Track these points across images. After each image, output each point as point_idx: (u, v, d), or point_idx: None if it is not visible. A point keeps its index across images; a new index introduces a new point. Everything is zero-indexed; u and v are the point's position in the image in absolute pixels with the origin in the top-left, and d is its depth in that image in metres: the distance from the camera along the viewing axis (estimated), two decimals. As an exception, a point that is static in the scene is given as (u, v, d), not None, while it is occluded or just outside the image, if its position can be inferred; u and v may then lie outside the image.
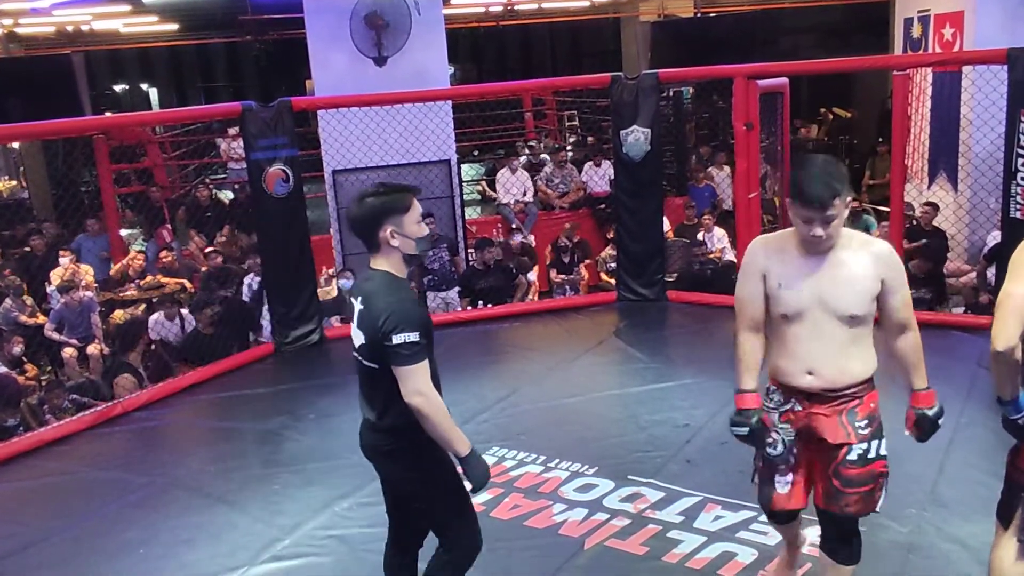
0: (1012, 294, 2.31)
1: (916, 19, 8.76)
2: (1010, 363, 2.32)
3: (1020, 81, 5.45)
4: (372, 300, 2.56)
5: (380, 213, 2.56)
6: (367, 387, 2.68)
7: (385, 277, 2.60)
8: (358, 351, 2.65)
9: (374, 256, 2.63)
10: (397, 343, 2.47)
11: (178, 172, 11.84)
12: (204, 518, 4.07)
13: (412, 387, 2.50)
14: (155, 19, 13.64)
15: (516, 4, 15.21)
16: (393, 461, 2.69)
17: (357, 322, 2.63)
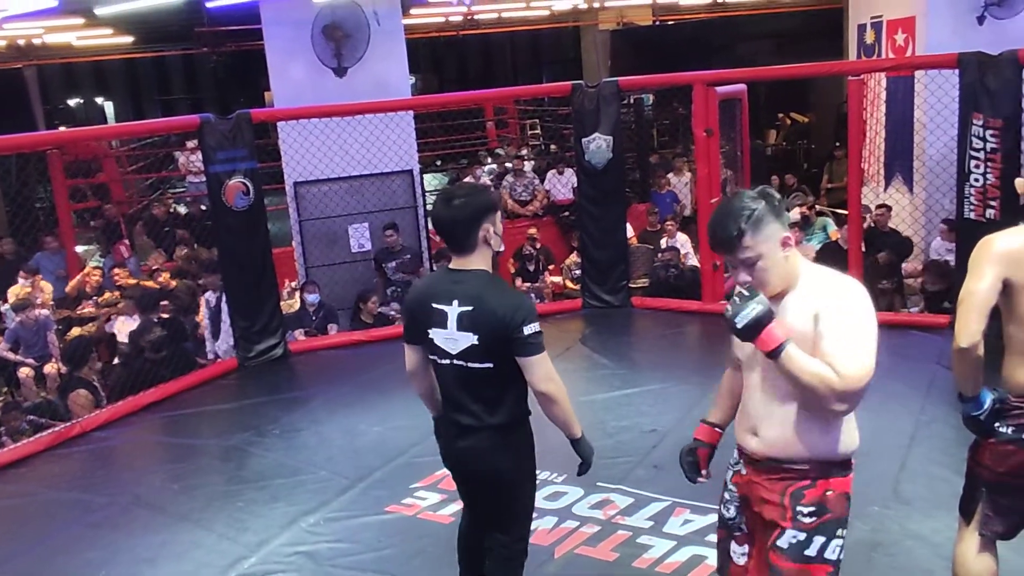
0: (973, 291, 2.35)
1: (869, 25, 8.92)
2: (973, 360, 2.35)
3: (971, 84, 5.58)
4: (484, 299, 2.56)
5: (481, 212, 2.58)
6: (472, 390, 2.64)
7: (484, 275, 2.63)
8: (460, 356, 2.61)
9: (463, 256, 2.62)
10: (529, 334, 2.54)
11: (135, 186, 11.66)
12: (167, 537, 4.00)
13: (544, 374, 2.58)
14: (109, 32, 13.42)
15: (476, 14, 15.24)
16: (497, 456, 2.69)
17: (458, 325, 2.58)
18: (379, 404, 5.43)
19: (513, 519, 2.80)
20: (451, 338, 2.60)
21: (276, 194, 8.90)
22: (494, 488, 2.75)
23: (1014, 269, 2.35)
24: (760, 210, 2.08)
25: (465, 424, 2.69)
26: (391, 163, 7.88)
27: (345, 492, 4.28)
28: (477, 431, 2.67)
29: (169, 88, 21.94)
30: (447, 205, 2.59)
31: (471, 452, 2.71)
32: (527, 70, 21.38)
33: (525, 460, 2.76)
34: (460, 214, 2.57)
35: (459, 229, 2.59)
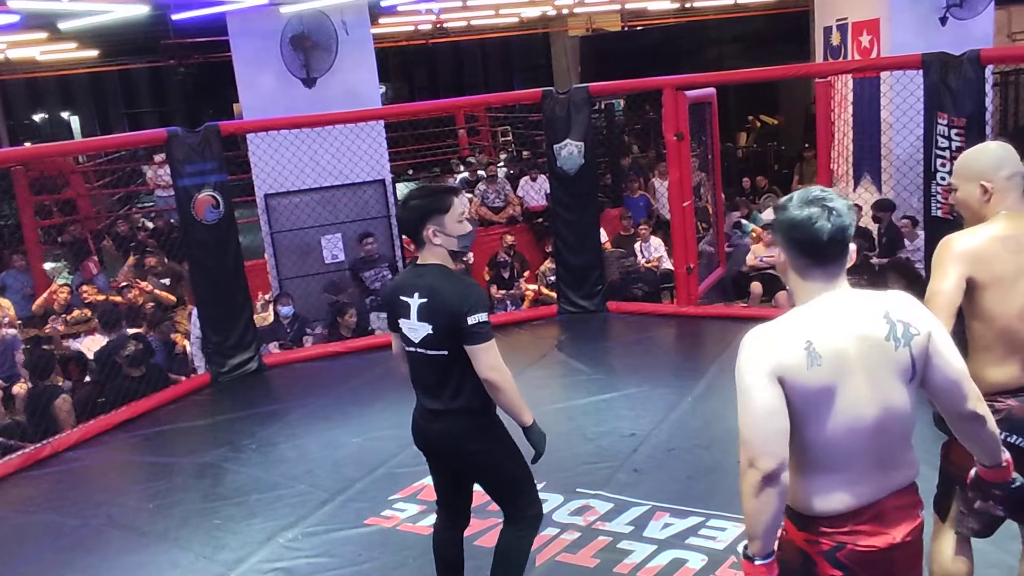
0: (938, 291, 2.37)
1: (835, 27, 9.03)
2: None
3: (934, 84, 5.65)
4: (438, 290, 2.75)
5: (423, 214, 2.77)
6: (435, 376, 2.82)
7: (441, 270, 2.80)
8: (421, 344, 2.79)
9: (422, 252, 2.83)
10: (473, 323, 2.69)
11: (103, 202, 11.51)
12: (144, 557, 3.93)
13: (488, 363, 2.71)
14: (74, 45, 13.26)
15: (445, 22, 15.25)
16: (469, 440, 2.84)
17: (417, 316, 2.78)
18: (357, 416, 5.39)
19: (510, 493, 2.93)
20: (413, 328, 2.80)
21: (247, 206, 8.84)
22: (473, 467, 2.92)
23: (976, 267, 2.37)
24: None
25: (431, 408, 2.86)
26: (363, 173, 7.84)
27: (324, 506, 4.24)
28: (444, 415, 2.83)
29: (136, 101, 21.74)
30: (403, 205, 2.87)
31: (442, 435, 2.86)
32: (498, 77, 21.43)
33: (498, 440, 2.88)
34: (407, 215, 2.83)
35: (408, 228, 2.85)
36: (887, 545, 1.90)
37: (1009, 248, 2.38)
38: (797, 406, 1.86)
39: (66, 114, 21.49)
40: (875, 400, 1.87)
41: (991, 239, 2.40)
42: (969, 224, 2.51)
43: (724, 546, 3.53)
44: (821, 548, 1.92)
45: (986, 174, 2.46)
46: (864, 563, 1.90)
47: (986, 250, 2.38)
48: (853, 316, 1.88)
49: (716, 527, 3.67)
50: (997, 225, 2.42)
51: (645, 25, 17.27)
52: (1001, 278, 2.37)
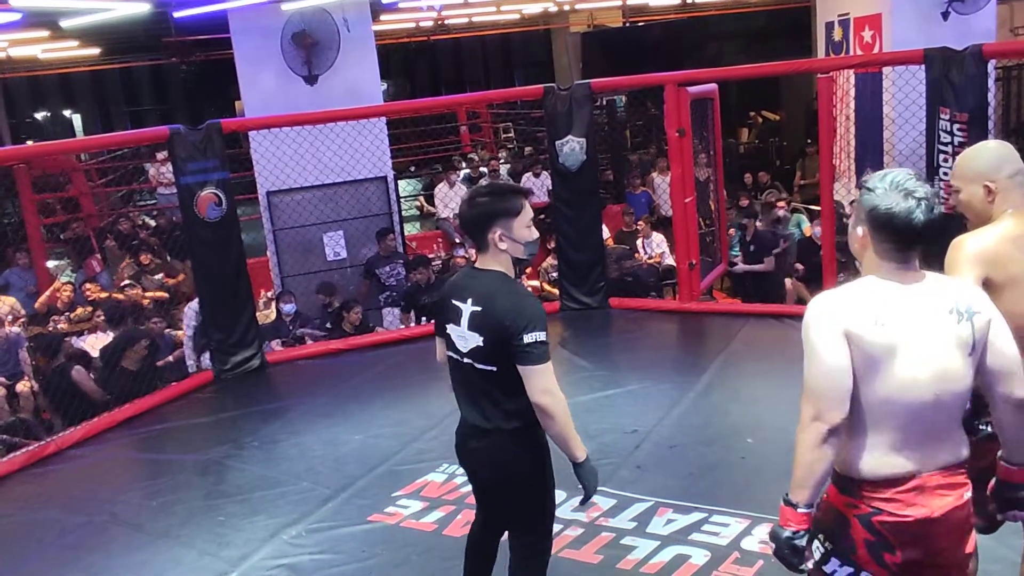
0: None
1: (836, 23, 9.02)
2: None
3: (936, 79, 5.65)
4: (493, 300, 2.53)
5: (491, 215, 2.57)
6: (481, 391, 2.61)
7: (500, 277, 2.59)
8: (469, 355, 2.59)
9: (482, 255, 2.62)
10: (529, 342, 2.46)
11: (106, 200, 11.52)
12: (147, 555, 3.94)
13: (542, 386, 2.50)
14: (75, 44, 13.28)
15: (446, 19, 15.23)
16: (514, 463, 2.64)
17: (469, 324, 2.57)
18: (359, 413, 5.40)
19: (532, 520, 2.75)
20: (462, 336, 2.60)
21: (249, 204, 8.84)
22: (508, 491, 2.71)
23: (991, 268, 2.35)
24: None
25: (473, 424, 2.66)
26: (365, 170, 7.84)
27: (327, 503, 4.25)
28: (487, 433, 2.63)
29: (138, 99, 21.72)
30: (468, 203, 2.63)
31: (481, 454, 2.68)
32: (499, 74, 21.40)
33: (537, 465, 2.68)
34: (472, 215, 2.60)
35: (471, 229, 2.62)
36: (923, 517, 1.94)
37: (1021, 248, 2.37)
38: (857, 364, 1.93)
39: (68, 112, 21.49)
40: (933, 367, 1.93)
41: (1003, 239, 2.38)
42: (974, 225, 2.49)
43: (727, 542, 3.53)
44: (859, 511, 1.96)
45: (988, 174, 2.44)
46: (897, 532, 1.93)
47: (999, 251, 2.36)
48: (920, 287, 1.98)
49: (719, 523, 3.67)
50: (1006, 225, 2.40)
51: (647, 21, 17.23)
52: (1016, 278, 2.35)
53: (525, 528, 2.75)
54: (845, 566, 1.99)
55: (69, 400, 5.88)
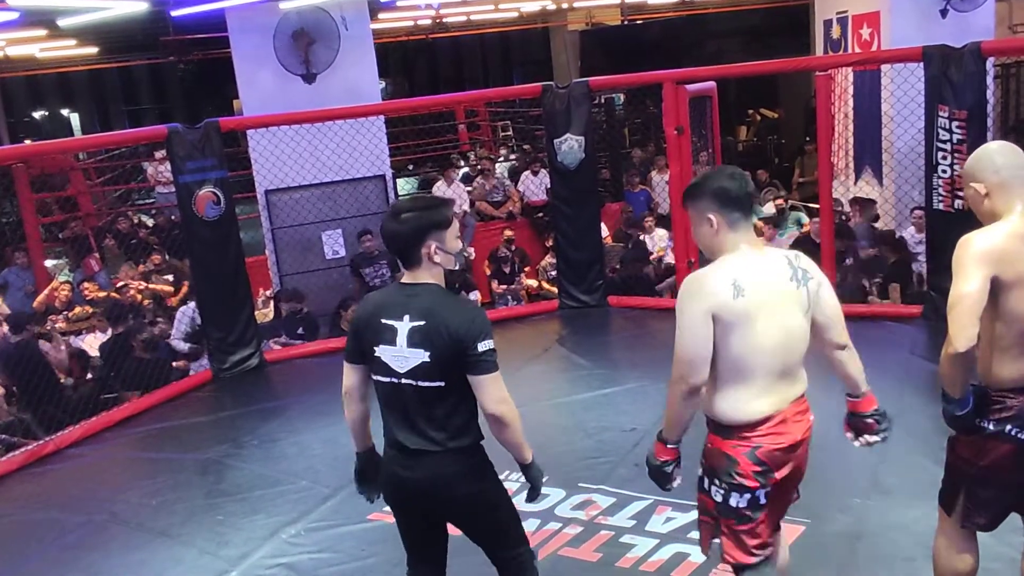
0: (965, 294, 2.31)
1: (835, 20, 9.01)
2: (968, 363, 2.36)
3: (935, 77, 5.65)
4: (438, 313, 2.44)
5: (423, 229, 2.48)
6: (422, 411, 2.48)
7: (438, 290, 2.52)
8: (409, 374, 2.47)
9: (412, 270, 2.52)
10: (483, 351, 2.43)
11: (104, 199, 11.51)
12: (147, 554, 3.94)
13: (498, 395, 2.47)
14: (73, 43, 13.26)
15: (445, 17, 15.22)
16: (461, 482, 2.53)
17: (408, 342, 2.45)
18: (358, 412, 5.39)
19: (500, 533, 2.68)
20: (400, 355, 2.47)
21: (248, 203, 8.84)
22: (469, 515, 2.62)
23: (1001, 266, 2.34)
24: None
25: (414, 448, 2.50)
26: (363, 168, 7.84)
27: (326, 501, 4.25)
28: (432, 456, 2.50)
29: (136, 98, 21.69)
30: (394, 219, 2.51)
31: (428, 480, 2.52)
32: (497, 72, 21.38)
33: (491, 479, 2.62)
34: (402, 229, 2.48)
35: (402, 244, 2.50)
36: (792, 442, 2.46)
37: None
38: (726, 329, 2.36)
39: (66, 111, 21.47)
40: (782, 325, 2.40)
41: (1011, 237, 2.36)
42: (985, 221, 2.48)
43: (726, 540, 3.53)
44: (743, 449, 2.43)
45: (982, 175, 2.45)
46: (775, 457, 2.44)
47: (1008, 249, 2.35)
48: (766, 261, 2.45)
49: (718, 521, 3.67)
50: (1015, 222, 2.39)
51: (645, 19, 17.23)
52: (1022, 277, 2.34)
53: (508, 542, 2.68)
54: (744, 495, 2.44)
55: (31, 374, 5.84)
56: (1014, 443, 2.42)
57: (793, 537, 3.51)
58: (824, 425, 4.41)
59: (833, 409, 2.85)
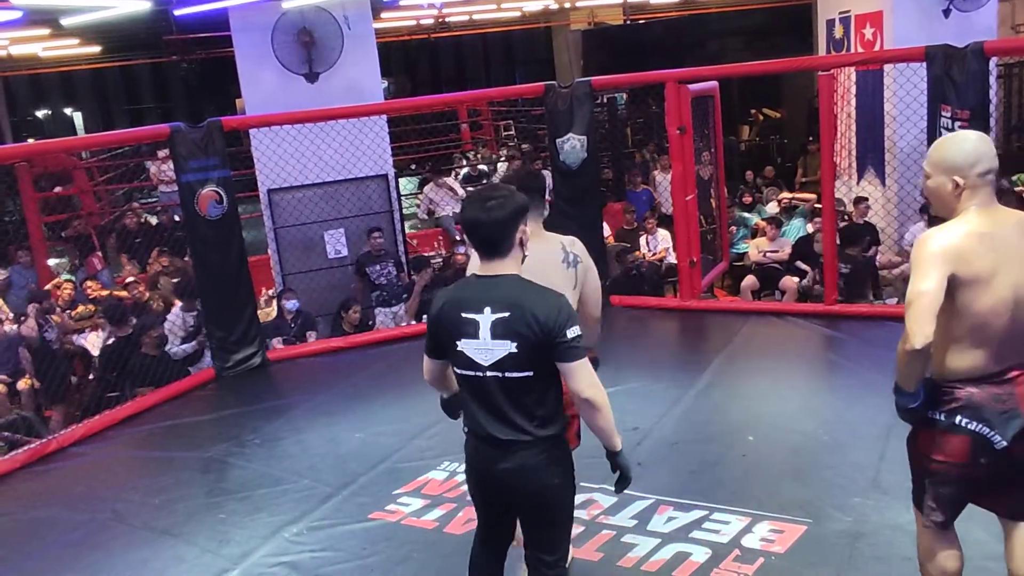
0: (922, 292, 2.34)
1: (838, 20, 9.01)
2: (924, 359, 2.39)
3: (938, 77, 5.64)
4: (523, 303, 2.42)
5: (519, 213, 2.49)
6: (511, 401, 2.47)
7: (518, 280, 2.50)
8: (496, 366, 2.44)
9: (496, 260, 2.49)
10: (572, 337, 2.41)
11: (107, 197, 11.53)
12: (149, 553, 3.95)
13: (589, 380, 2.46)
14: (76, 42, 13.28)
15: (447, 16, 15.23)
16: (545, 473, 2.52)
17: (492, 334, 2.43)
18: (360, 411, 5.40)
19: (558, 537, 2.66)
20: (484, 348, 2.45)
21: (250, 202, 8.85)
22: (543, 507, 2.59)
23: (958, 265, 2.35)
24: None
25: (506, 439, 2.49)
26: (366, 168, 7.84)
27: (328, 500, 4.25)
28: (523, 447, 2.49)
29: (139, 97, 21.74)
30: (484, 207, 2.46)
31: (518, 472, 2.51)
32: (500, 71, 21.40)
33: (570, 475, 2.62)
34: (501, 215, 2.45)
35: (497, 232, 2.47)
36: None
37: (986, 245, 2.37)
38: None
39: (69, 110, 21.51)
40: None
41: (968, 235, 2.38)
42: (938, 213, 2.52)
43: (728, 539, 3.54)
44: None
45: (961, 170, 2.42)
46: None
47: (965, 247, 2.36)
48: (542, 245, 2.98)
49: (720, 520, 3.68)
50: (971, 221, 2.40)
51: (647, 19, 17.23)
52: (979, 275, 2.36)
53: (548, 548, 2.64)
54: None
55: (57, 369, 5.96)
56: (966, 434, 2.43)
57: (795, 536, 3.52)
58: (825, 426, 4.46)
59: (834, 410, 2.86)
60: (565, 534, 2.69)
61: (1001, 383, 2.42)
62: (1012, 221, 2.44)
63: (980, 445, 2.42)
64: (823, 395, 4.96)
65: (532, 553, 2.68)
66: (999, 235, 2.39)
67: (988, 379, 2.42)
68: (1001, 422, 2.40)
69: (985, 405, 2.41)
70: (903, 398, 2.49)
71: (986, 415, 2.41)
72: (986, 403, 2.41)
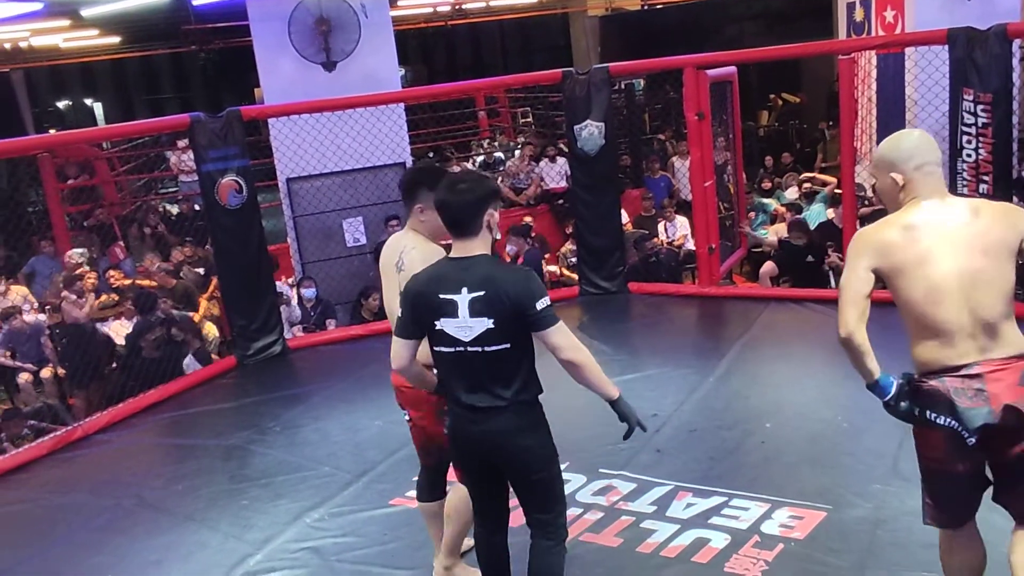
0: (844, 285, 2.47)
1: (858, 3, 8.90)
2: (855, 348, 2.44)
3: (960, 60, 5.57)
4: (495, 280, 2.59)
5: (486, 198, 2.66)
6: (490, 372, 2.64)
7: (489, 259, 2.68)
8: (476, 341, 2.60)
9: (466, 241, 2.66)
10: (543, 308, 2.57)
11: (128, 188, 11.62)
12: (173, 538, 4.01)
13: (567, 342, 2.61)
14: (96, 33, 13.38)
15: (464, 3, 15.18)
16: (523, 434, 2.69)
17: (470, 311, 2.59)
18: (379, 398, 5.41)
19: (550, 495, 2.78)
20: (463, 326, 2.61)
21: (269, 191, 8.89)
22: (524, 466, 2.73)
23: (879, 258, 2.42)
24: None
25: (484, 406, 2.65)
26: (383, 156, 7.86)
27: (348, 487, 4.30)
28: (499, 411, 2.65)
29: (158, 87, 21.86)
30: (453, 190, 2.65)
31: (494, 433, 2.67)
32: (517, 58, 21.32)
33: (547, 435, 2.75)
34: (468, 198, 2.63)
35: (466, 214, 2.64)
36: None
37: (910, 237, 2.41)
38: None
39: (89, 101, 21.66)
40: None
41: (894, 227, 2.44)
42: (889, 210, 2.55)
43: (747, 526, 3.54)
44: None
45: (897, 165, 2.48)
46: None
47: (888, 240, 2.43)
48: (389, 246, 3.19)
49: (739, 507, 3.69)
50: (902, 214, 2.46)
51: (665, 4, 17.09)
52: (903, 266, 2.41)
53: (542, 507, 2.77)
54: None
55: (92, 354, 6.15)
56: (939, 429, 2.42)
57: (815, 523, 3.52)
58: (844, 412, 4.44)
59: (853, 397, 2.85)
60: (556, 492, 2.79)
61: (968, 377, 2.37)
62: (958, 209, 2.45)
63: (952, 441, 2.39)
64: (842, 382, 4.93)
65: (529, 515, 2.80)
66: (931, 223, 2.41)
67: (951, 371, 2.39)
68: (969, 417, 2.36)
69: (952, 399, 2.38)
70: (873, 392, 2.51)
71: (955, 409, 2.37)
72: (953, 397, 2.38)
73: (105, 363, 6.60)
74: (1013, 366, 2.36)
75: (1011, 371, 2.35)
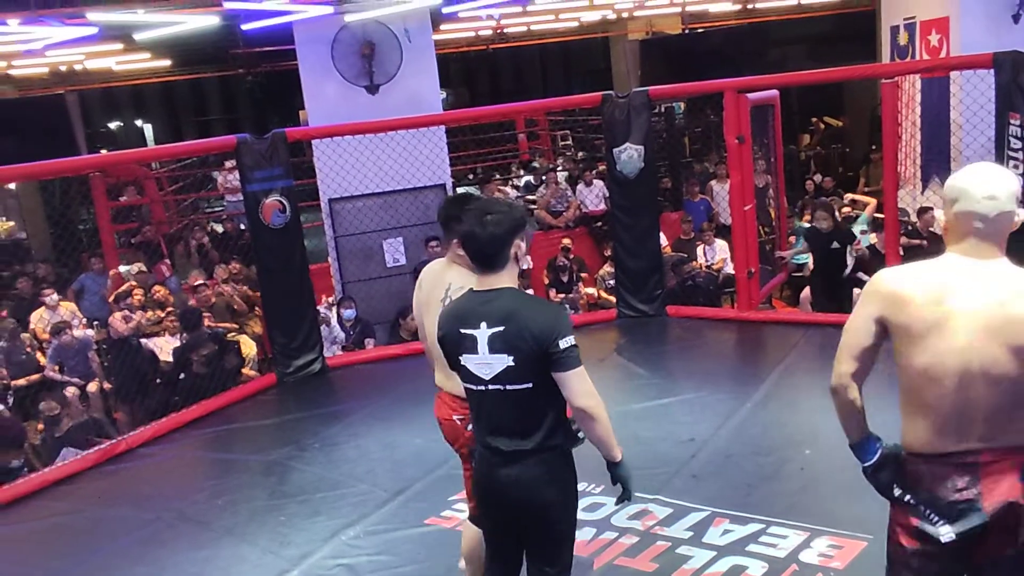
0: (847, 328, 2.17)
1: (902, 27, 8.84)
2: (843, 402, 2.18)
3: (1006, 84, 5.50)
4: (517, 316, 2.46)
5: (515, 228, 2.53)
6: (514, 413, 2.51)
7: (513, 292, 2.54)
8: (496, 379, 2.48)
9: (491, 274, 2.54)
10: (565, 347, 2.42)
11: (175, 207, 11.88)
12: (212, 552, 4.07)
13: (583, 389, 2.46)
14: (147, 56, 13.74)
15: (506, 27, 15.33)
16: (547, 484, 2.54)
17: (490, 348, 2.47)
18: (417, 417, 5.45)
19: (559, 549, 2.65)
20: (483, 363, 2.49)
21: (312, 211, 9.03)
22: (543, 519, 2.59)
23: (889, 309, 2.09)
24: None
25: (508, 450, 2.52)
26: (424, 178, 7.95)
27: (385, 505, 4.32)
28: (524, 456, 2.51)
29: (206, 109, 22.36)
30: (481, 222, 2.50)
31: (518, 481, 2.52)
32: (557, 82, 21.45)
33: (572, 485, 2.62)
34: (496, 230, 2.49)
35: (493, 246, 2.51)
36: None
37: (932, 295, 2.05)
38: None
39: (140, 122, 22.22)
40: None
41: (915, 278, 2.09)
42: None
43: (785, 554, 3.49)
44: None
45: (946, 201, 2.12)
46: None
47: (904, 292, 2.07)
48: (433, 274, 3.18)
49: (777, 535, 3.64)
50: (934, 264, 2.11)
51: (706, 27, 17.08)
52: (908, 328, 2.06)
53: (549, 559, 2.64)
54: None
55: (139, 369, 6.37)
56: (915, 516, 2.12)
57: (854, 552, 3.46)
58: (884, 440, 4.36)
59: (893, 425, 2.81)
60: (565, 547, 2.67)
61: (961, 467, 2.06)
62: (1001, 284, 2.02)
63: (926, 534, 2.09)
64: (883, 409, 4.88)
65: (533, 565, 2.68)
66: (960, 288, 2.03)
67: (941, 459, 2.07)
68: (953, 513, 2.05)
69: (934, 491, 2.08)
70: (854, 452, 2.24)
71: (936, 502, 2.08)
72: (937, 488, 2.08)
73: (151, 378, 6.72)
74: (1015, 459, 2.04)
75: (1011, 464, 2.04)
